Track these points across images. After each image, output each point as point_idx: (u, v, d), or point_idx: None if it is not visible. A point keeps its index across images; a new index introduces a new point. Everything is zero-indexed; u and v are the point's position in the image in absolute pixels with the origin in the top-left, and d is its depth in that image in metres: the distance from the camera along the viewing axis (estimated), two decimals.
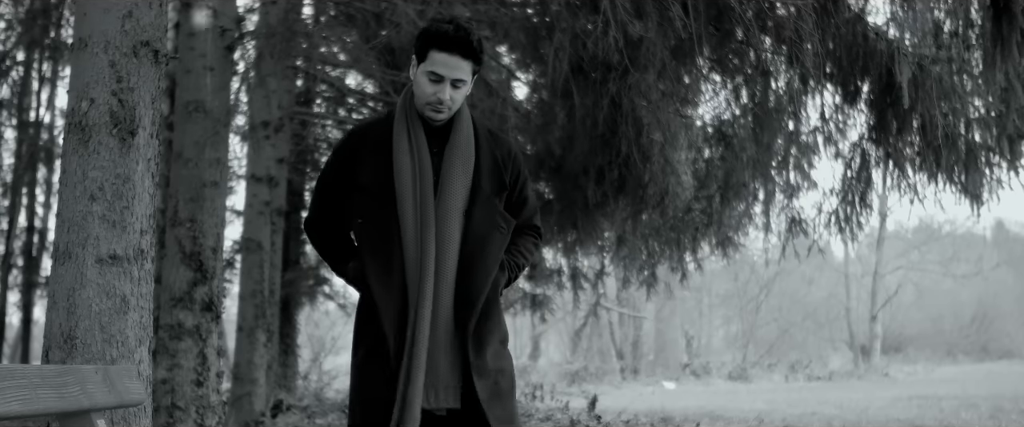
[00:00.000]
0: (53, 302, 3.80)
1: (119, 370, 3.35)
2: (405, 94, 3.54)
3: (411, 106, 3.50)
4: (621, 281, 12.60)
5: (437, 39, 3.39)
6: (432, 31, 3.42)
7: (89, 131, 3.80)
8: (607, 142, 8.81)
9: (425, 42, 3.42)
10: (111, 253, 3.78)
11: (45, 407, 2.70)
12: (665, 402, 16.10)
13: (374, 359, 3.35)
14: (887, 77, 7.70)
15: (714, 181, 9.92)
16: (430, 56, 3.40)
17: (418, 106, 3.46)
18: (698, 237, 10.71)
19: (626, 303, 28.07)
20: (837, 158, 9.19)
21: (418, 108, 3.47)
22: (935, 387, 18.54)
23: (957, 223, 40.84)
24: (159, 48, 3.95)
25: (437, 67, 3.39)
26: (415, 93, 3.47)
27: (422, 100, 3.44)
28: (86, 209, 3.77)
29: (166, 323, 7.07)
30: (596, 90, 8.38)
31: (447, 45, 3.38)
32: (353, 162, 3.48)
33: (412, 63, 3.47)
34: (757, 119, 9.07)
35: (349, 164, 3.49)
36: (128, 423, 3.78)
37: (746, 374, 26.23)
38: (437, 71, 3.39)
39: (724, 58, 8.70)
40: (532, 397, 15.16)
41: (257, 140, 10.43)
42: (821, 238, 9.51)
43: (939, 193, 8.27)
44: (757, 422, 10.91)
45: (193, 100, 7.23)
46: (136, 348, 3.83)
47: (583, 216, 10.10)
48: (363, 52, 8.84)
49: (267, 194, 10.28)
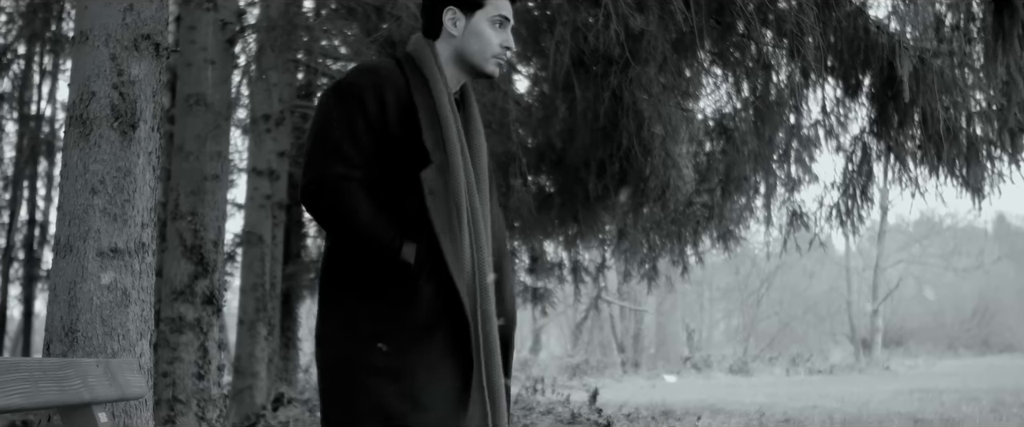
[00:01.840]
0: (54, 295, 3.81)
1: (120, 363, 3.35)
2: (424, 50, 2.93)
3: (445, 65, 2.93)
4: (622, 274, 12.60)
5: None
6: None
7: (90, 124, 3.80)
8: (608, 135, 8.80)
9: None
10: (112, 246, 3.78)
11: (47, 400, 2.70)
12: (666, 395, 16.11)
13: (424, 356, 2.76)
14: (888, 70, 7.69)
15: (715, 174, 9.92)
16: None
17: (476, 61, 2.92)
18: (699, 230, 10.71)
19: (627, 296, 28.09)
20: (838, 151, 9.19)
21: (476, 63, 2.93)
22: (936, 381, 18.56)
23: (958, 217, 40.88)
24: (160, 41, 3.95)
25: (504, 9, 2.93)
26: (468, 48, 2.91)
27: (488, 52, 2.91)
28: (87, 202, 3.78)
29: (167, 316, 7.08)
30: (597, 83, 8.37)
31: None
32: (385, 112, 2.80)
33: (452, 16, 2.91)
34: (758, 112, 9.07)
35: (383, 112, 2.79)
36: (129, 416, 3.79)
37: (747, 367, 26.25)
38: (505, 13, 2.93)
39: (725, 51, 8.69)
40: (533, 390, 15.17)
41: (258, 133, 10.44)
42: (822, 232, 9.52)
43: (940, 187, 8.26)
44: (758, 415, 10.93)
45: (194, 93, 7.23)
46: (137, 341, 3.83)
47: (584, 209, 10.10)
48: (364, 45, 8.83)
49: (268, 187, 10.29)
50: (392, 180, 2.79)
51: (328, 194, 2.72)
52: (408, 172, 2.77)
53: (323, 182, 2.73)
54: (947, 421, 9.74)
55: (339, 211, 2.73)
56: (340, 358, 2.80)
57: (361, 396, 2.73)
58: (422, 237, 2.77)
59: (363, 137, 2.75)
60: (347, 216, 2.73)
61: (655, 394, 16.90)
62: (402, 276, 2.76)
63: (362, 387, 2.73)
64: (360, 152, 2.74)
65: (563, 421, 10.31)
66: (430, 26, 2.95)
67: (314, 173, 2.74)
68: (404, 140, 2.78)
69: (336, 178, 2.72)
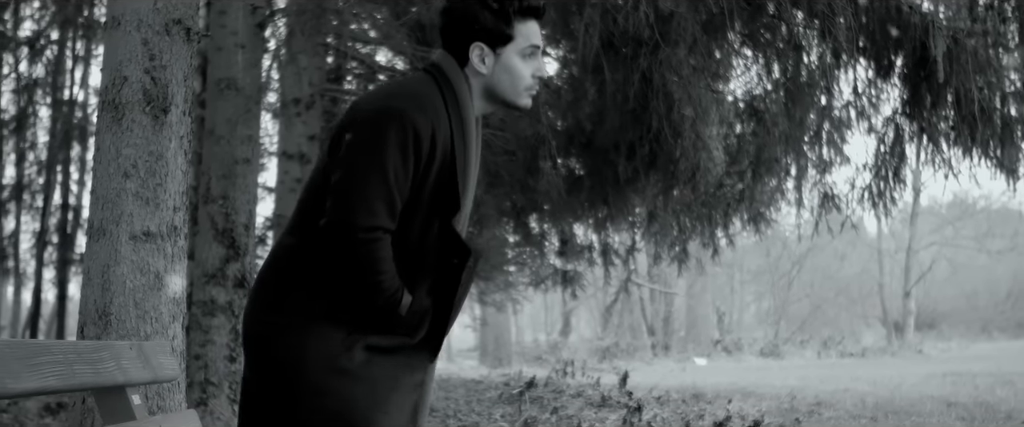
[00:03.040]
0: (88, 278, 3.84)
1: (153, 346, 3.38)
2: (462, 87, 2.73)
3: (474, 98, 2.77)
4: (652, 257, 12.56)
5: (519, 5, 2.72)
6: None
7: (122, 109, 3.83)
8: (638, 118, 8.78)
9: (503, 15, 2.71)
10: (145, 230, 3.81)
11: (81, 382, 2.73)
12: (696, 378, 16.09)
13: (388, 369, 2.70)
14: (921, 51, 7.63)
15: (746, 156, 9.87)
16: (519, 29, 2.72)
17: (508, 97, 2.77)
18: (730, 213, 10.66)
19: (657, 279, 28.04)
20: (870, 133, 9.12)
21: (508, 99, 2.77)
22: (970, 364, 18.41)
23: (992, 198, 40.49)
24: (191, 26, 3.97)
25: (535, 38, 2.75)
26: (499, 85, 2.75)
27: (520, 87, 2.75)
28: (120, 186, 3.80)
29: (199, 299, 7.13)
30: (627, 65, 8.34)
31: (532, 8, 2.75)
32: (433, 159, 2.65)
33: (480, 52, 2.73)
34: (789, 94, 9.01)
35: (432, 158, 2.65)
36: (162, 398, 3.82)
37: (778, 350, 26.17)
38: (536, 42, 2.75)
39: (756, 32, 8.64)
40: (563, 373, 15.18)
41: (288, 117, 10.47)
42: (854, 214, 9.45)
43: (974, 168, 8.19)
44: (789, 398, 10.89)
45: (225, 78, 7.27)
46: (170, 324, 3.87)
47: (614, 192, 10.09)
48: (394, 28, 8.84)
49: (298, 171, 10.33)
50: (405, 215, 2.66)
51: (362, 245, 2.57)
52: (425, 210, 2.67)
53: (361, 229, 2.57)
54: (981, 404, 9.68)
55: (364, 262, 2.59)
56: (302, 356, 2.64)
57: (326, 397, 2.63)
58: (423, 286, 2.70)
59: (406, 183, 2.60)
60: (369, 268, 2.59)
61: (685, 377, 16.87)
62: (389, 320, 2.67)
63: (327, 388, 2.62)
64: (401, 199, 2.60)
65: (593, 404, 10.32)
66: (457, 57, 2.75)
67: (354, 217, 2.57)
68: (436, 185, 2.66)
69: (374, 229, 2.57)
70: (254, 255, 7.27)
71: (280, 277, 2.71)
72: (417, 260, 2.69)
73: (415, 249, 2.68)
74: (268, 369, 2.69)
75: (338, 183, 2.59)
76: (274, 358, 2.68)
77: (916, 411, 9.10)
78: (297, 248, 2.70)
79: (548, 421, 8.66)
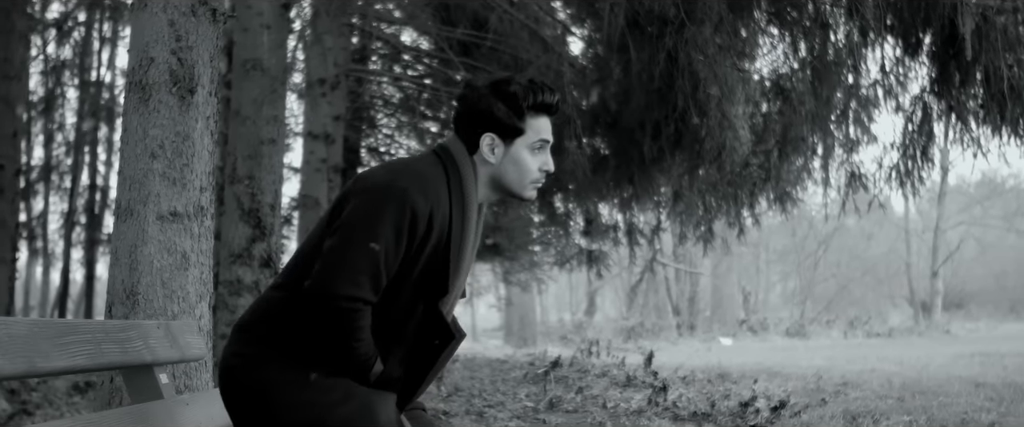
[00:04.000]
0: (116, 258, 3.87)
1: (180, 325, 3.41)
2: (469, 177, 2.77)
3: (479, 184, 2.81)
4: (677, 237, 12.52)
5: (533, 101, 2.77)
6: (518, 93, 2.75)
7: (149, 90, 3.84)
8: (663, 97, 8.75)
9: (516, 109, 2.75)
10: (172, 210, 3.83)
11: (109, 361, 2.76)
12: (722, 358, 16.06)
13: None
14: (949, 28, 7.56)
15: (772, 135, 9.82)
16: (530, 123, 2.77)
17: (514, 189, 2.81)
18: (756, 192, 10.62)
19: (683, 259, 28.01)
20: (898, 111, 9.05)
21: (513, 190, 2.82)
22: (998, 344, 18.30)
23: (1022, 177, 40.17)
24: (217, 7, 3.98)
25: (545, 133, 2.80)
26: (506, 176, 2.80)
27: (526, 180, 2.81)
28: (147, 167, 3.82)
29: (225, 279, 7.17)
30: (652, 44, 8.31)
31: (545, 105, 2.80)
32: (426, 243, 2.69)
33: (491, 142, 2.76)
34: (816, 72, 8.96)
35: (425, 242, 2.69)
36: (189, 377, 3.85)
37: (804, 330, 26.09)
38: (545, 137, 2.80)
39: (782, 11, 8.59)
40: (588, 353, 15.20)
41: (314, 97, 10.50)
42: (881, 193, 9.39)
43: (1003, 146, 8.11)
44: (815, 378, 10.86)
45: (250, 58, 7.28)
46: (197, 303, 3.89)
47: (639, 171, 10.07)
48: (418, 8, 8.84)
49: (324, 151, 10.36)
50: (391, 290, 2.71)
51: (343, 313, 2.62)
52: (412, 289, 2.71)
53: (343, 298, 2.61)
54: (1009, 385, 9.62)
55: (342, 329, 2.64)
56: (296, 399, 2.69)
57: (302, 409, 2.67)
58: (398, 355, 2.75)
59: (395, 262, 2.64)
60: (347, 336, 2.65)
61: (711, 357, 16.85)
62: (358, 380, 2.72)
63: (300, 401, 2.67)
64: (387, 276, 2.64)
65: (618, 383, 10.32)
66: (467, 143, 2.79)
67: (338, 286, 2.60)
68: (427, 267, 2.70)
69: (356, 299, 2.61)
70: (280, 235, 7.30)
71: (261, 326, 2.76)
72: (396, 332, 2.75)
73: (396, 323, 2.73)
74: (241, 400, 2.73)
75: (330, 250, 2.63)
76: (245, 386, 2.72)
77: (943, 392, 9.05)
78: (282, 302, 2.75)
79: (573, 401, 8.67)
